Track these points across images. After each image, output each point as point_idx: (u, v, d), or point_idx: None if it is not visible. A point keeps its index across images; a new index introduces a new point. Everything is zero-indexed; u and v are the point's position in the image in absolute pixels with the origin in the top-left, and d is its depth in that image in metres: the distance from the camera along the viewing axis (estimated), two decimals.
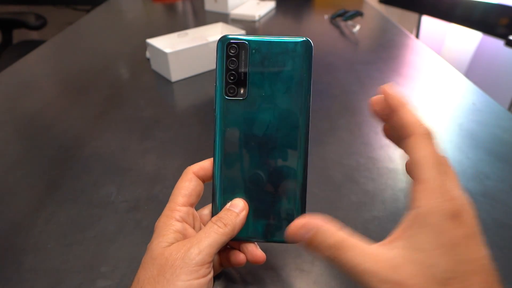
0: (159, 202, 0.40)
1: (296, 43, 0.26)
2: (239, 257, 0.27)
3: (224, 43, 0.26)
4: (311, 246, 0.22)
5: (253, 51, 0.26)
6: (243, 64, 0.26)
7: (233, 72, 0.26)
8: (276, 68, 0.26)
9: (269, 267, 0.32)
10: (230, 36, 0.26)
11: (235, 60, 0.26)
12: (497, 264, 0.32)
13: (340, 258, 0.20)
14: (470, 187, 0.41)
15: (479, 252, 0.19)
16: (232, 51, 0.26)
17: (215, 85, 0.26)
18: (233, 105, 0.26)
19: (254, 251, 0.27)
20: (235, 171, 0.27)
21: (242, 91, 0.26)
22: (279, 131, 0.26)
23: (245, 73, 0.26)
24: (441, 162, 0.21)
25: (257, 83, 0.26)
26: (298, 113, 0.26)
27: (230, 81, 0.26)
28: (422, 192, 0.20)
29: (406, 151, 0.22)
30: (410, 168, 0.22)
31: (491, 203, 0.39)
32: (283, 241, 0.28)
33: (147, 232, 0.36)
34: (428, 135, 0.21)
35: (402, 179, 0.43)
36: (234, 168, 0.27)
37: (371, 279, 0.19)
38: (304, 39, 0.26)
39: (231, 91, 0.26)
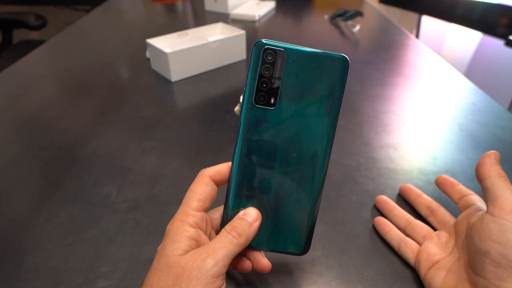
0: (159, 202, 0.40)
1: (334, 58, 0.24)
2: (245, 264, 0.27)
3: (261, 48, 0.24)
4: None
5: (290, 60, 0.24)
6: (278, 72, 0.24)
7: (266, 80, 0.25)
8: (310, 82, 0.25)
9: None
10: (267, 42, 0.24)
11: (270, 67, 0.24)
12: None
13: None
14: (470, 187, 0.41)
15: None
16: (269, 58, 0.24)
17: (245, 90, 0.25)
18: (261, 113, 0.25)
19: (261, 260, 0.27)
20: (252, 179, 0.26)
21: (272, 101, 0.25)
22: (302, 146, 0.26)
23: (278, 82, 0.25)
24: None
25: (289, 94, 0.25)
26: (325, 130, 0.26)
27: (262, 88, 0.25)
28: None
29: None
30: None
31: None
32: (291, 253, 0.28)
33: (147, 232, 0.36)
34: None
35: (402, 179, 0.43)
36: (251, 176, 0.26)
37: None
38: (343, 56, 0.25)
39: (261, 98, 0.25)
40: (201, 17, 1.10)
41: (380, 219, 0.36)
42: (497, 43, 1.28)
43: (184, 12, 1.16)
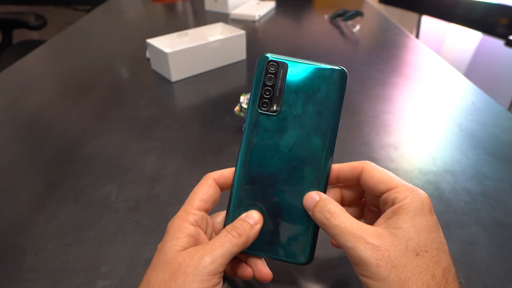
0: (159, 202, 0.40)
1: (332, 70, 0.27)
2: (246, 270, 0.27)
3: (265, 60, 0.27)
4: (314, 211, 0.26)
5: (291, 71, 0.27)
6: (280, 82, 0.27)
7: (269, 88, 0.27)
8: (310, 91, 0.27)
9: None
10: (271, 55, 0.27)
11: (272, 77, 0.27)
12: (497, 264, 0.32)
13: (331, 221, 0.24)
14: (470, 187, 0.42)
15: (444, 239, 0.24)
16: (272, 69, 0.27)
17: (249, 98, 0.27)
18: (264, 119, 0.27)
19: (262, 268, 0.27)
20: (254, 184, 0.27)
21: (274, 107, 0.27)
22: (304, 152, 0.27)
23: (280, 91, 0.27)
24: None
25: (290, 102, 0.27)
26: (325, 137, 0.27)
27: (265, 96, 0.27)
28: (398, 194, 0.24)
29: (364, 182, 0.26)
30: (372, 189, 0.26)
31: (491, 203, 0.39)
32: (293, 262, 0.27)
33: (147, 232, 0.36)
34: (371, 163, 0.27)
35: (402, 179, 0.43)
36: (254, 181, 0.27)
37: (356, 240, 0.23)
38: (340, 68, 0.27)
39: (265, 105, 0.27)
40: (201, 17, 1.10)
41: None
42: (497, 43, 1.28)
43: (184, 12, 1.16)
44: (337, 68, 0.27)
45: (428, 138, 0.51)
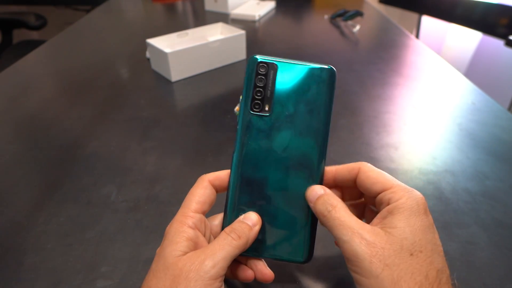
0: (159, 202, 0.40)
1: (322, 69, 0.27)
2: (247, 272, 0.27)
3: (255, 62, 0.27)
4: (317, 203, 0.26)
5: (281, 72, 0.27)
6: (270, 83, 0.27)
7: (260, 89, 0.27)
8: (300, 91, 0.27)
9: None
10: (261, 56, 0.27)
11: (263, 79, 0.27)
12: (497, 264, 0.32)
13: (332, 213, 0.24)
14: (470, 187, 0.42)
15: (439, 240, 0.23)
16: (262, 70, 0.27)
17: (241, 99, 0.27)
18: (257, 120, 0.27)
19: (263, 269, 0.27)
20: (250, 185, 0.27)
21: (266, 108, 0.27)
22: (297, 151, 0.27)
23: (271, 92, 0.27)
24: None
25: (282, 102, 0.27)
26: (318, 135, 0.27)
27: (256, 97, 0.27)
28: (393, 194, 0.24)
29: (361, 183, 0.27)
30: (368, 190, 0.26)
31: (491, 203, 0.39)
32: (293, 260, 0.27)
33: (147, 232, 0.36)
34: (367, 164, 0.27)
35: (402, 179, 0.43)
36: (249, 182, 0.27)
37: (353, 234, 0.23)
38: (329, 67, 0.27)
39: (257, 106, 0.27)
40: (201, 17, 1.10)
41: None
42: (497, 43, 1.28)
43: (184, 12, 1.16)
44: (326, 67, 0.27)
45: (428, 138, 0.51)
